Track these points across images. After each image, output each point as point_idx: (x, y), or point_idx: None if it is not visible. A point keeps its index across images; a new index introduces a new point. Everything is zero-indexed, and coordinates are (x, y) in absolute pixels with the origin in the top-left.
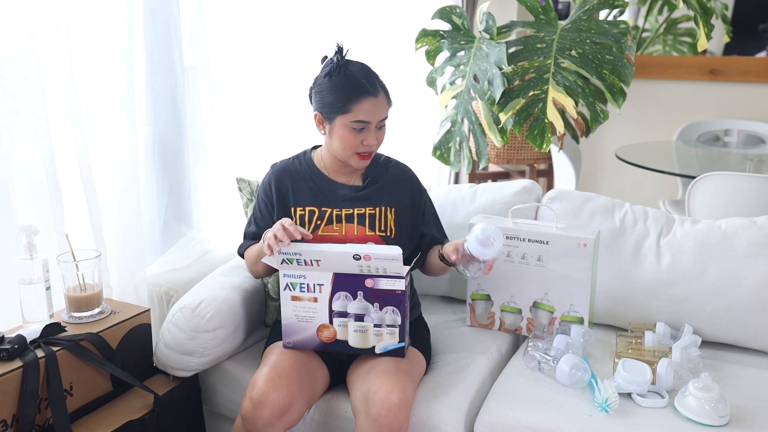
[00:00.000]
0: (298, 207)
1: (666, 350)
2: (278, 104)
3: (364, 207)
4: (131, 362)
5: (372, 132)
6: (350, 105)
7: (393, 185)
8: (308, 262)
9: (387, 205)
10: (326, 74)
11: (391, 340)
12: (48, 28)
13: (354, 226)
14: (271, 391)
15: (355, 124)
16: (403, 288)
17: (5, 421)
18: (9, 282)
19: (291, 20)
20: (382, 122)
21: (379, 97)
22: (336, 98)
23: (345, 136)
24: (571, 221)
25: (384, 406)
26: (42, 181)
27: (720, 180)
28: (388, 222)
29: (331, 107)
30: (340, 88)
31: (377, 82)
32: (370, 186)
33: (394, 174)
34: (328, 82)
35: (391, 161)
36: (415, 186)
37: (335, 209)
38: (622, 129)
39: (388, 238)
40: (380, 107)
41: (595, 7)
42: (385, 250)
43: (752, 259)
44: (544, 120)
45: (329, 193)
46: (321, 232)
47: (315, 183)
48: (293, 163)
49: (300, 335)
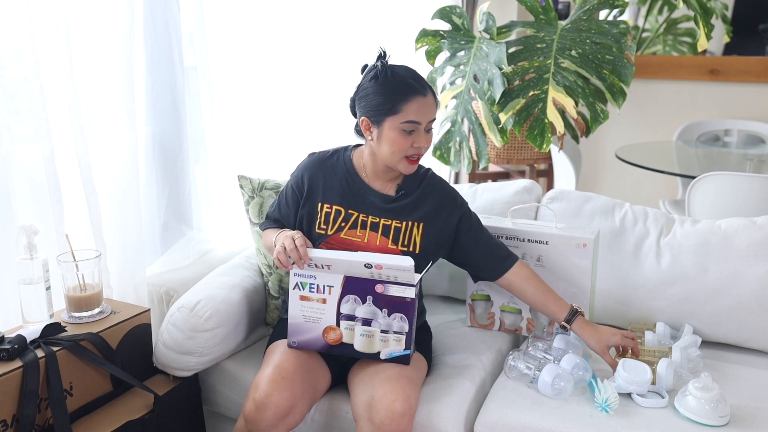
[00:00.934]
0: (326, 203)
1: (666, 350)
2: (278, 104)
3: (391, 219)
4: (131, 362)
5: (422, 133)
6: (399, 105)
7: (425, 199)
8: (319, 265)
9: (415, 221)
10: (372, 77)
11: (397, 347)
12: (48, 28)
13: (377, 235)
14: (274, 392)
15: (405, 125)
16: (413, 296)
17: (5, 421)
18: (9, 282)
19: (291, 20)
20: (430, 124)
21: (428, 96)
22: (384, 99)
23: (395, 139)
24: (570, 221)
25: (388, 414)
26: (42, 181)
27: (720, 180)
28: (413, 237)
29: (379, 109)
30: (388, 90)
31: (425, 82)
32: (402, 199)
33: (428, 187)
34: (374, 85)
35: (429, 173)
36: (448, 199)
37: (362, 214)
38: (622, 129)
39: (411, 253)
40: (429, 107)
41: (595, 7)
42: (396, 261)
43: (752, 259)
44: (544, 120)
45: (359, 197)
46: (343, 234)
47: (348, 183)
48: (330, 158)
49: (305, 335)
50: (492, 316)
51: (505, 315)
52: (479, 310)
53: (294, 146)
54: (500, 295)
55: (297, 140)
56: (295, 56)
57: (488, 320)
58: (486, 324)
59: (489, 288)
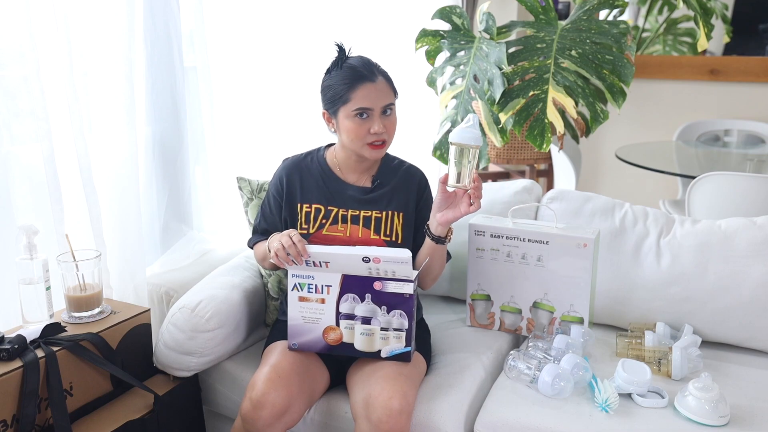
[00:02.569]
0: (305, 204)
1: (666, 350)
2: (278, 104)
3: (370, 210)
4: (131, 362)
5: (376, 119)
6: (349, 94)
7: (402, 189)
8: (317, 263)
9: (394, 210)
10: (326, 71)
11: (398, 344)
12: (48, 28)
13: (359, 228)
14: (270, 391)
15: (356, 112)
16: (411, 292)
17: (5, 421)
18: (9, 282)
19: (291, 20)
20: (386, 108)
21: (377, 82)
22: (336, 90)
23: (350, 127)
24: (571, 221)
25: (385, 412)
26: (42, 181)
27: (720, 180)
28: (394, 226)
29: (333, 101)
30: (338, 80)
31: (375, 69)
32: (378, 189)
33: (405, 177)
34: (328, 78)
35: (405, 164)
36: (424, 190)
37: (341, 209)
38: (622, 129)
39: (393, 242)
40: (380, 92)
41: (595, 7)
42: (394, 253)
43: (752, 259)
44: (544, 120)
45: (337, 193)
46: (325, 231)
47: (324, 181)
48: (304, 159)
49: (306, 337)
50: (492, 316)
51: (505, 315)
52: (479, 310)
53: (294, 146)
54: (500, 295)
55: (297, 140)
56: (294, 56)
57: (488, 320)
58: (486, 324)
59: (489, 288)
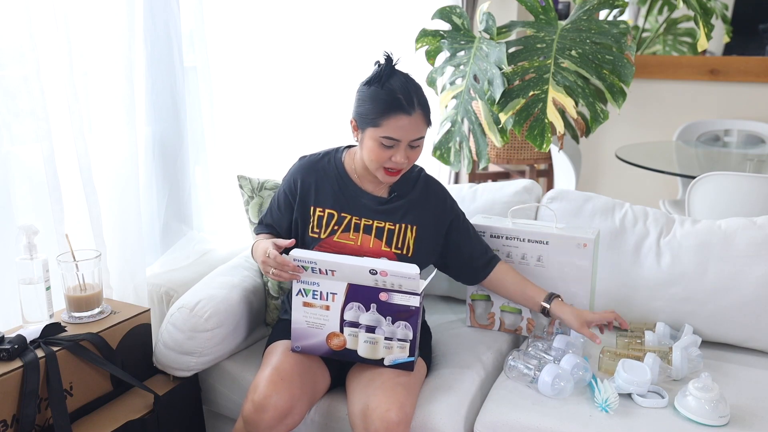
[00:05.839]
0: (318, 207)
1: (666, 350)
2: (278, 104)
3: (384, 221)
4: (131, 362)
5: (401, 150)
6: (381, 120)
7: (418, 202)
8: (323, 271)
9: (409, 223)
10: (366, 82)
11: (401, 354)
12: (48, 27)
13: (371, 238)
14: (273, 394)
15: (384, 140)
16: (417, 305)
17: (5, 421)
18: (9, 282)
19: (291, 20)
20: (415, 142)
21: (414, 115)
22: (369, 109)
23: (373, 149)
24: (571, 221)
25: (383, 424)
26: (42, 181)
27: (720, 180)
28: (406, 240)
29: (364, 117)
30: (375, 100)
31: (416, 99)
32: (394, 200)
33: (422, 190)
34: (366, 91)
35: (423, 175)
36: (441, 203)
37: (355, 217)
38: (622, 129)
39: (404, 256)
40: (414, 126)
41: (595, 7)
42: (402, 268)
43: (752, 259)
44: (544, 120)
45: (352, 200)
46: (336, 238)
47: (340, 186)
48: (321, 161)
49: (309, 341)
50: (492, 316)
51: (505, 315)
52: (479, 310)
53: (294, 146)
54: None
55: (297, 140)
56: (294, 56)
57: (488, 320)
58: (486, 324)
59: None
